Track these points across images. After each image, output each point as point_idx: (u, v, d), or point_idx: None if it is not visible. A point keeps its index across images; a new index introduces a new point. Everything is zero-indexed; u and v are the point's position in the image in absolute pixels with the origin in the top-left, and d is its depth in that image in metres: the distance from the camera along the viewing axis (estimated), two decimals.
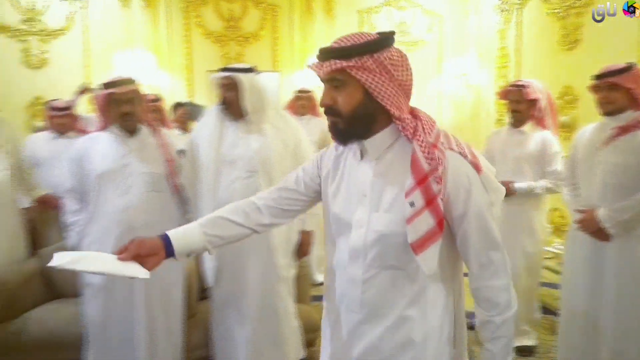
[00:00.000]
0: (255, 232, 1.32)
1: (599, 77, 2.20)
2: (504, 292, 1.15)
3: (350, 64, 1.07)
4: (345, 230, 1.19)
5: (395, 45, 1.11)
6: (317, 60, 1.12)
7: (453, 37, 5.72)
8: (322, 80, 1.13)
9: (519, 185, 2.74)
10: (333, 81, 1.11)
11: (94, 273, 1.44)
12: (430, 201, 1.06)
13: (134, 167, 2.22)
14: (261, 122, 2.34)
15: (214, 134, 2.34)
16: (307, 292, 2.90)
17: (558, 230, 4.02)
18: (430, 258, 1.08)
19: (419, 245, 1.08)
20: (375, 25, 5.71)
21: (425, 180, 1.06)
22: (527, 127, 2.82)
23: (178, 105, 4.59)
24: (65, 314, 2.58)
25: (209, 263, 2.41)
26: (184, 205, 2.39)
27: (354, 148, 1.20)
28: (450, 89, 5.29)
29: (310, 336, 2.61)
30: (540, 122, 2.81)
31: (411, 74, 1.12)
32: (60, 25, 5.09)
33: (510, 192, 2.62)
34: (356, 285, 1.16)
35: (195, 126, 2.69)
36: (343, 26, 5.56)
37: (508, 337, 1.16)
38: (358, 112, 1.11)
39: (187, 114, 4.45)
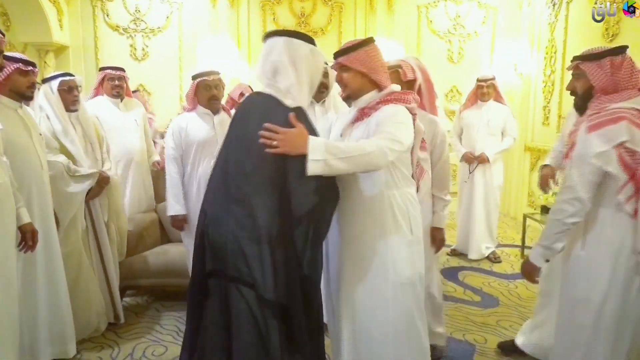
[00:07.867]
0: None
1: None
2: None
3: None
4: None
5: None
6: None
7: (506, 29, 6.08)
8: None
9: None
10: None
11: None
12: None
13: (220, 138, 2.64)
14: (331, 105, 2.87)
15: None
16: None
17: None
18: None
19: None
20: (432, 20, 6.22)
21: None
22: None
23: None
24: (175, 252, 3.41)
25: None
26: None
27: None
28: (501, 77, 5.68)
29: None
30: None
31: None
32: (160, 25, 6.06)
33: None
34: None
35: None
36: (402, 21, 6.12)
37: None
38: None
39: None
